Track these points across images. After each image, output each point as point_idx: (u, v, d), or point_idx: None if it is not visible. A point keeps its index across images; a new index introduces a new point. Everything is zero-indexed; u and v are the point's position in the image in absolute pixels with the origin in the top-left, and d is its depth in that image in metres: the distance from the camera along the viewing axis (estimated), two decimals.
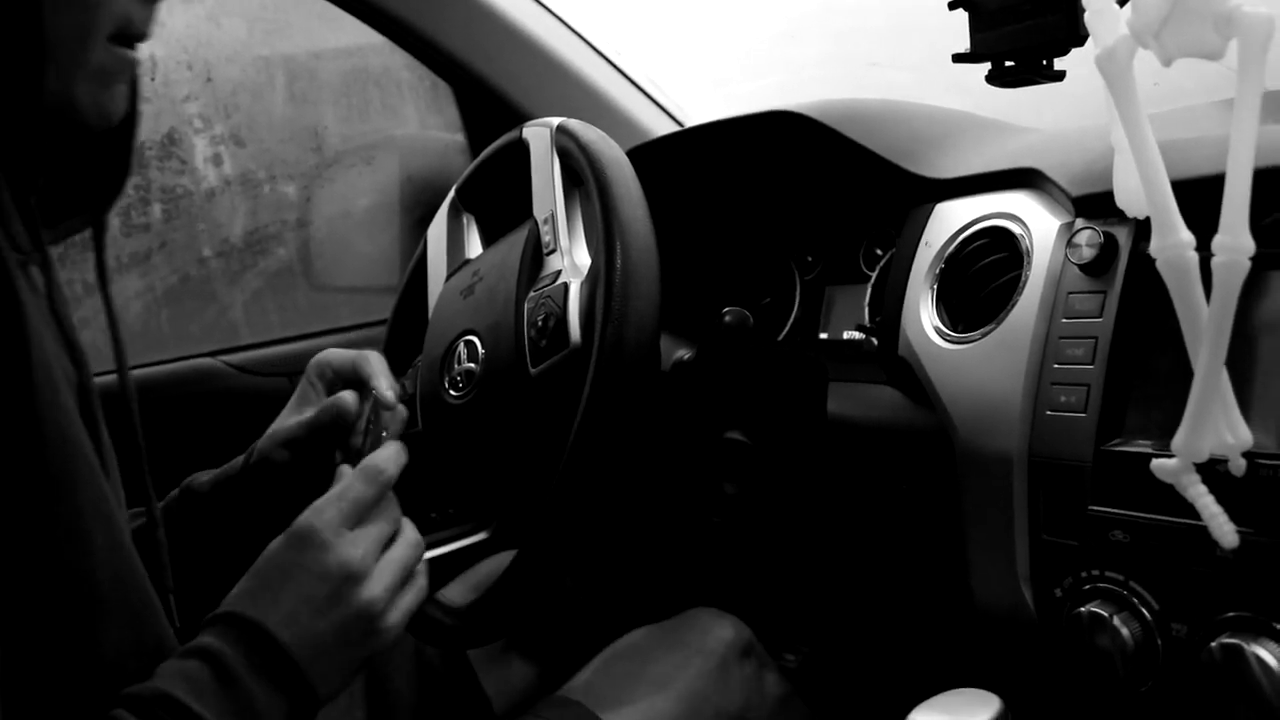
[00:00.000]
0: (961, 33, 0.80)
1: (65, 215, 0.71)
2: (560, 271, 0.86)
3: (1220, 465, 0.64)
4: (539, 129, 0.92)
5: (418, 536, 0.74)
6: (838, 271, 1.22)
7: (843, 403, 1.04)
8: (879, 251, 1.16)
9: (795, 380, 1.05)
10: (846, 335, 1.19)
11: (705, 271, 1.32)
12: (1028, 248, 0.89)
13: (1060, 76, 0.77)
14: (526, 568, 0.79)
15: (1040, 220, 0.90)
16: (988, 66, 0.79)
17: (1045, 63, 0.76)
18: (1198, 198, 0.63)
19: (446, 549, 0.86)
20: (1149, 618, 0.75)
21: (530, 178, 0.92)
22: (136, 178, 1.48)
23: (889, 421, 1.00)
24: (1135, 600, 0.76)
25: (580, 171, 0.86)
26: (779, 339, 1.24)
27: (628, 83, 1.51)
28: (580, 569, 1.18)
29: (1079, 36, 0.72)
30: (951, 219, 0.98)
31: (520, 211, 0.92)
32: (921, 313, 0.95)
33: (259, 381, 1.34)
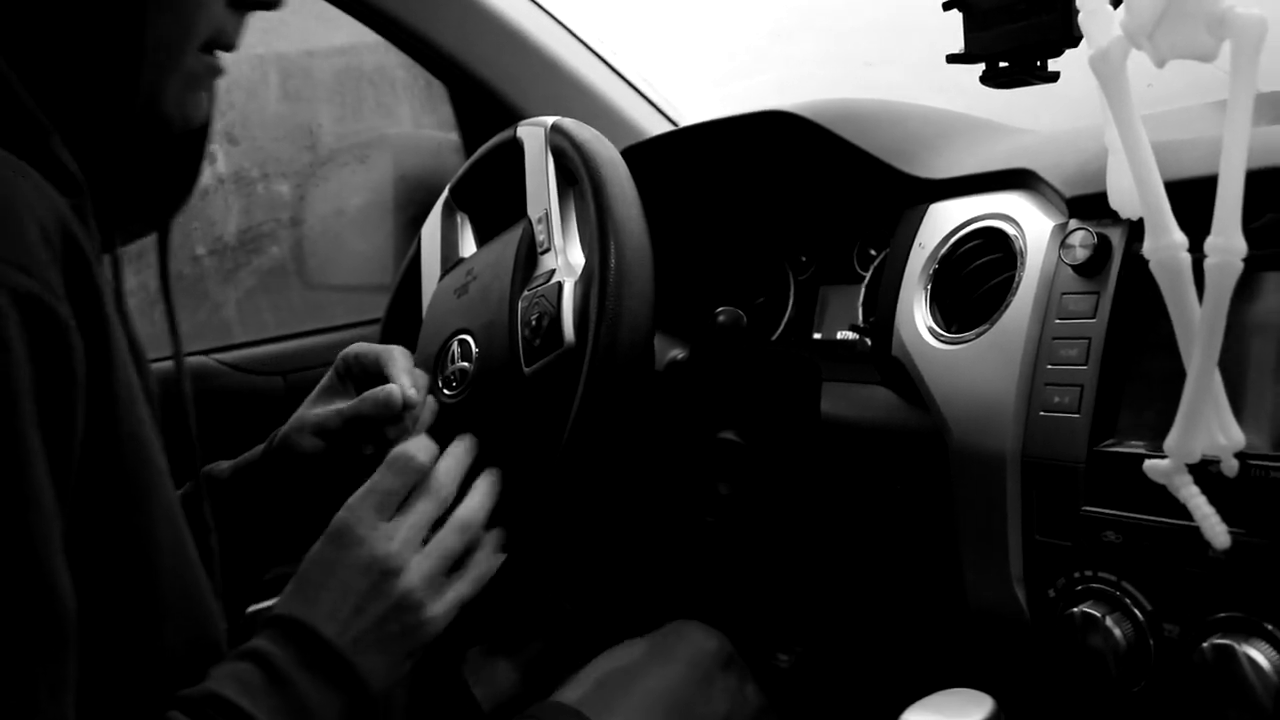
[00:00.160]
0: (957, 33, 0.80)
1: (128, 219, 0.71)
2: (554, 271, 0.85)
3: (1212, 466, 0.64)
4: (533, 128, 0.92)
5: (467, 520, 0.74)
6: (832, 271, 1.22)
7: (836, 403, 1.04)
8: (873, 252, 1.16)
9: (789, 380, 1.05)
10: (840, 335, 1.19)
11: (699, 271, 1.32)
12: (1021, 248, 0.89)
13: (1054, 77, 0.77)
14: (518, 567, 0.79)
15: (1034, 221, 0.90)
16: (982, 67, 0.79)
17: (1039, 63, 0.76)
18: (1191, 199, 0.64)
19: None
20: (1141, 618, 0.75)
21: (524, 177, 0.91)
22: None
23: (883, 422, 1.00)
24: (1128, 601, 0.76)
25: (575, 171, 0.86)
26: (773, 339, 1.24)
27: (622, 82, 1.51)
28: (576, 587, 1.19)
29: (1073, 37, 0.72)
30: (945, 219, 0.98)
31: (514, 211, 0.92)
32: (915, 313, 0.95)
33: (252, 380, 1.33)
